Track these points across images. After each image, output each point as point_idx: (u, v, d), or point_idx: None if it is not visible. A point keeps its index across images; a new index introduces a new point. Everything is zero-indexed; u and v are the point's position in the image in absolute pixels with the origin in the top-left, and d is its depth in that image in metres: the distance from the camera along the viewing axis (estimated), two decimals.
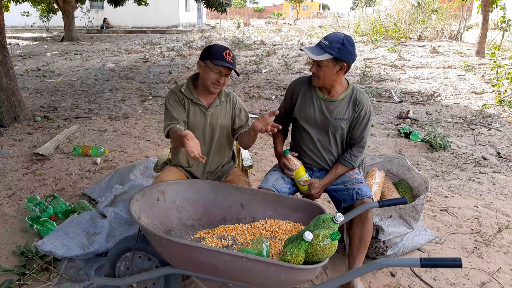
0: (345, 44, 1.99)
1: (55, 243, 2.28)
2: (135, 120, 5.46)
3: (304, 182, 2.18)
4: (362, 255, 2.05)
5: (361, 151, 2.20)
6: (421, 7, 17.42)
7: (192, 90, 2.20)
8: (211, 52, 2.08)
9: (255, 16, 52.40)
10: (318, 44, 2.05)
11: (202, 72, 2.13)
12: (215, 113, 2.22)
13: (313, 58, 2.01)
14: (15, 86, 5.03)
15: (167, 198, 1.95)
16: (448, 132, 4.99)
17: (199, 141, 2.12)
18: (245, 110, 2.33)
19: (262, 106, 6.29)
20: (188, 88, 2.20)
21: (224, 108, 2.25)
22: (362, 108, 2.13)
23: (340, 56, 1.99)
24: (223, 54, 2.06)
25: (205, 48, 2.14)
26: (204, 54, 2.12)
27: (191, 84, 2.22)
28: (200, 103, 2.19)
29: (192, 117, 2.19)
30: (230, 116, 2.27)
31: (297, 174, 2.18)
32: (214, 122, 2.22)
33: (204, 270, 1.58)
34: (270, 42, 16.89)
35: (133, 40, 18.44)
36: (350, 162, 2.20)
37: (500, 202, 3.19)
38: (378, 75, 8.94)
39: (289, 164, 2.19)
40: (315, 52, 2.02)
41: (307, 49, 2.05)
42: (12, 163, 3.85)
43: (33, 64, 10.68)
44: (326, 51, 1.99)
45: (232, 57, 2.10)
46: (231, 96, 2.30)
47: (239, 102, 2.32)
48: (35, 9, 20.21)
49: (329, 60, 2.00)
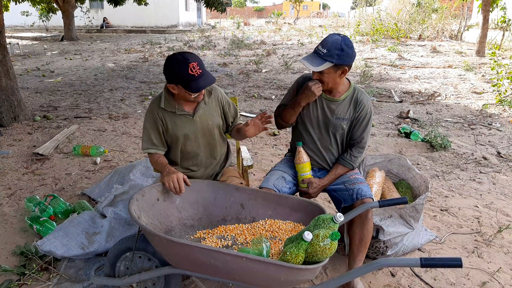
0: (344, 49, 1.95)
1: (54, 243, 2.27)
2: (135, 119, 5.46)
3: (305, 179, 2.17)
4: (362, 255, 2.05)
5: (361, 151, 2.20)
6: (422, 6, 17.41)
7: (172, 102, 2.04)
8: (176, 74, 1.87)
9: (255, 16, 52.37)
10: (315, 52, 2.00)
11: (178, 92, 1.97)
12: (203, 116, 2.11)
13: (313, 70, 1.98)
14: (15, 85, 5.03)
15: (167, 198, 1.94)
16: (449, 132, 4.99)
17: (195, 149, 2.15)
18: (232, 103, 2.26)
19: (262, 106, 6.28)
20: (167, 101, 2.04)
21: (211, 107, 2.14)
22: (363, 109, 2.13)
23: (341, 62, 1.96)
24: (189, 71, 1.84)
25: (166, 68, 1.91)
26: (170, 76, 1.91)
27: (169, 96, 2.05)
28: (185, 112, 2.06)
29: (180, 128, 2.07)
30: (219, 113, 2.18)
31: (302, 168, 2.17)
32: (205, 125, 2.12)
33: (204, 270, 1.58)
34: (270, 41, 16.88)
35: (132, 40, 18.44)
36: (350, 163, 2.19)
37: (501, 202, 3.19)
38: (378, 74, 8.93)
39: (298, 156, 2.18)
40: (315, 62, 1.97)
41: (306, 61, 1.99)
42: (12, 163, 3.85)
43: (33, 64, 10.68)
44: (325, 59, 1.95)
45: (199, 66, 1.87)
46: (213, 92, 2.16)
47: (224, 95, 2.21)
48: (34, 9, 20.19)
49: (330, 68, 1.98)
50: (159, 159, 2.09)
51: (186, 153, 2.15)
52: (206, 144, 2.18)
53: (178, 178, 1.89)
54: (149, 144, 2.09)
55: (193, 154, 2.16)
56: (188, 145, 2.13)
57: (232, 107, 2.26)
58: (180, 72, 1.86)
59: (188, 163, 2.19)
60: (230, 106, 2.24)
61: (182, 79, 1.87)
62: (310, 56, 2.02)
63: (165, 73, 1.93)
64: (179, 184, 1.89)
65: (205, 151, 2.18)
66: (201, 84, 1.89)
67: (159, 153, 2.11)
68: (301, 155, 2.18)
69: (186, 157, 2.17)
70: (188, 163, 2.19)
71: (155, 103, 2.08)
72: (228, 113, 2.23)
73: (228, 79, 8.51)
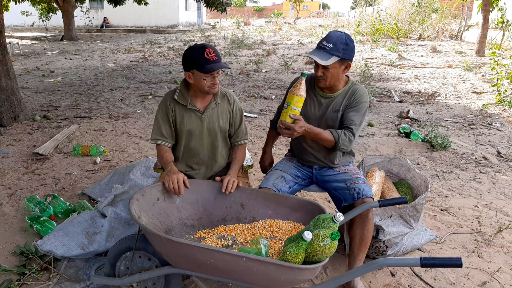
0: (348, 44, 2.01)
1: (54, 243, 2.27)
2: (135, 119, 5.46)
3: (293, 115, 1.89)
4: (363, 255, 2.05)
5: (350, 135, 2.05)
6: (422, 6, 17.40)
7: (186, 96, 2.10)
8: (192, 60, 1.97)
9: (255, 16, 52.34)
10: (320, 47, 2.02)
11: (194, 81, 2.02)
12: (212, 116, 2.14)
13: (322, 64, 1.97)
14: (15, 85, 5.03)
15: (167, 198, 1.94)
16: (449, 131, 4.99)
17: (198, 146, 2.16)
18: (241, 117, 2.25)
19: (262, 106, 6.28)
20: (182, 94, 2.10)
21: (222, 109, 2.17)
22: (356, 94, 2.11)
23: (346, 56, 2.01)
24: (205, 55, 1.94)
25: (184, 57, 2.02)
26: (186, 64, 2.00)
27: (184, 89, 2.11)
28: (195, 108, 2.10)
29: (187, 123, 2.11)
30: (228, 118, 2.20)
31: (296, 101, 1.90)
32: (211, 126, 2.14)
33: (204, 269, 1.58)
34: (270, 41, 16.87)
35: (132, 40, 18.44)
36: (338, 135, 2.02)
37: (501, 201, 3.19)
38: (378, 74, 8.93)
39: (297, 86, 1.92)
40: (322, 56, 1.98)
41: (313, 55, 1.99)
42: (12, 163, 3.85)
43: (33, 64, 10.67)
44: (332, 54, 1.98)
45: (215, 53, 1.97)
46: (228, 96, 2.20)
47: (237, 103, 2.23)
48: (34, 9, 20.21)
49: (336, 62, 2.00)
50: (165, 154, 2.12)
51: (189, 149, 2.18)
52: (210, 144, 2.19)
53: (178, 179, 1.91)
54: (158, 135, 2.13)
55: (195, 151, 2.18)
56: (192, 141, 2.15)
57: (238, 118, 2.23)
58: (196, 57, 1.95)
59: (190, 160, 2.21)
60: (237, 116, 2.23)
61: (197, 62, 1.94)
62: (316, 51, 2.02)
63: (183, 62, 2.02)
64: (178, 185, 1.91)
65: (207, 151, 2.20)
66: (215, 66, 1.95)
67: (166, 145, 2.14)
68: (301, 87, 1.91)
69: (189, 153, 2.19)
70: (190, 160, 2.21)
71: (169, 94, 2.14)
72: (232, 123, 2.22)
73: (228, 79, 8.51)
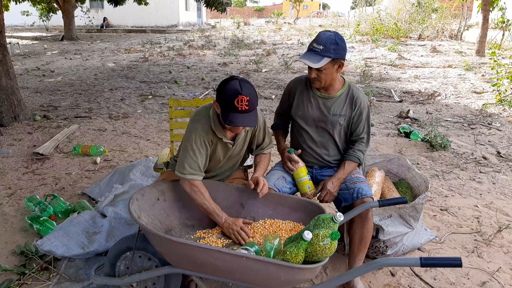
0: (338, 43, 2.01)
1: (55, 243, 2.27)
2: (135, 119, 5.46)
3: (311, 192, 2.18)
4: (362, 254, 2.05)
5: (365, 146, 2.22)
6: (421, 6, 17.39)
7: (219, 126, 1.91)
8: (222, 98, 1.76)
9: (255, 16, 52.32)
10: (311, 49, 2.03)
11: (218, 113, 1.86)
12: (241, 142, 2.06)
13: (314, 67, 2.00)
14: (15, 85, 5.03)
15: (167, 198, 1.95)
16: (448, 131, 4.99)
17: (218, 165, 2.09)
18: (264, 128, 2.14)
19: (262, 106, 6.28)
20: (216, 124, 1.91)
21: (248, 132, 2.08)
22: (360, 104, 2.16)
23: (337, 56, 2.02)
24: (235, 103, 1.71)
25: (219, 87, 1.80)
26: (218, 96, 1.80)
27: (216, 117, 1.91)
28: (228, 141, 1.97)
29: (217, 152, 2.00)
30: (248, 139, 2.10)
31: (298, 174, 2.18)
32: (238, 151, 2.08)
33: (204, 269, 1.58)
34: (270, 41, 16.88)
35: (133, 40, 18.43)
36: (356, 157, 2.19)
37: (500, 201, 3.19)
38: (378, 74, 8.93)
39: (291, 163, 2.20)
40: (313, 59, 2.00)
41: (305, 59, 2.02)
42: (12, 163, 3.85)
43: (33, 64, 10.67)
44: (323, 55, 1.99)
45: (248, 102, 1.72)
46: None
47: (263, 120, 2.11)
48: (35, 9, 20.24)
49: (328, 63, 2.01)
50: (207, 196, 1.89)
51: (208, 166, 2.05)
52: (231, 163, 2.16)
53: (243, 229, 1.81)
54: (195, 170, 1.87)
55: (213, 169, 2.11)
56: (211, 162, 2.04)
57: (262, 133, 2.14)
58: (227, 98, 1.74)
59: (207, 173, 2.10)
60: (260, 131, 2.12)
61: (225, 105, 1.75)
62: (307, 54, 2.04)
63: (217, 90, 1.83)
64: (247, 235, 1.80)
65: (224, 169, 2.16)
66: (239, 121, 1.75)
67: (199, 180, 1.91)
68: (294, 159, 2.17)
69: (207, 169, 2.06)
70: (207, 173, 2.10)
71: (205, 123, 1.91)
72: (255, 140, 2.13)
73: None
